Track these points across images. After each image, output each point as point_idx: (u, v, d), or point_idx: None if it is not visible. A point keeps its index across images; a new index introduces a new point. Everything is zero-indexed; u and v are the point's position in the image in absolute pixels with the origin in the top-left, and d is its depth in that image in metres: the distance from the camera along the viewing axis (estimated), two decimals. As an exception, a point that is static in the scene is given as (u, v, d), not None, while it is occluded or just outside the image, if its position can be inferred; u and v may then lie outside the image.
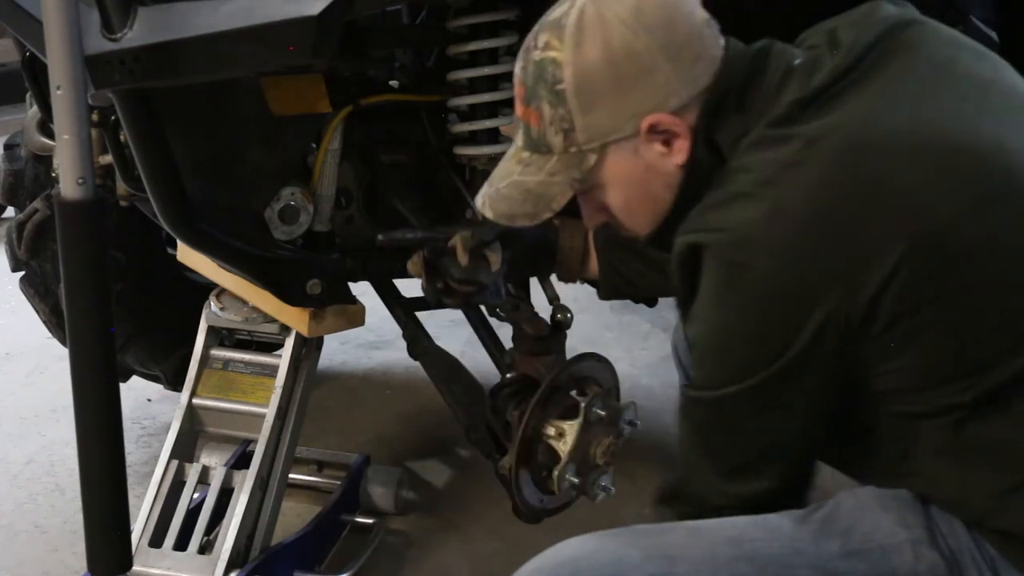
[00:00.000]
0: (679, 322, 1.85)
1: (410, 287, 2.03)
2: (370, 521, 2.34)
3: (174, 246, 2.26)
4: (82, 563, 1.71)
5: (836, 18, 1.36)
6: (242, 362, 2.15)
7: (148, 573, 1.93)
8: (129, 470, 1.71)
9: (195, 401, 2.13)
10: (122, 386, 1.73)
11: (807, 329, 1.19)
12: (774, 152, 1.22)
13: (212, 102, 1.78)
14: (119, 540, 1.67)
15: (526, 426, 1.75)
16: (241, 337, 2.22)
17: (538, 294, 2.07)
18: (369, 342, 3.37)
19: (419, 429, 2.84)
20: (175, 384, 2.67)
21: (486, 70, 1.92)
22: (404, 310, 2.08)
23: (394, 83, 2.12)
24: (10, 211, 2.83)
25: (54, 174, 2.18)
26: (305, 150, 1.92)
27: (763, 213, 1.19)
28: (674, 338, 2.02)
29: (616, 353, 2.73)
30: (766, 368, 1.22)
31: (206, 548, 1.98)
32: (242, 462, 2.13)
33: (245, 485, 1.99)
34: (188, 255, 2.16)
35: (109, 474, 1.64)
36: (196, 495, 2.05)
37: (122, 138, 1.82)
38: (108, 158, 1.95)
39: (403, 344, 2.10)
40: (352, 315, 2.05)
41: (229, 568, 1.93)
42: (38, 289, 2.64)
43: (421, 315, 2.09)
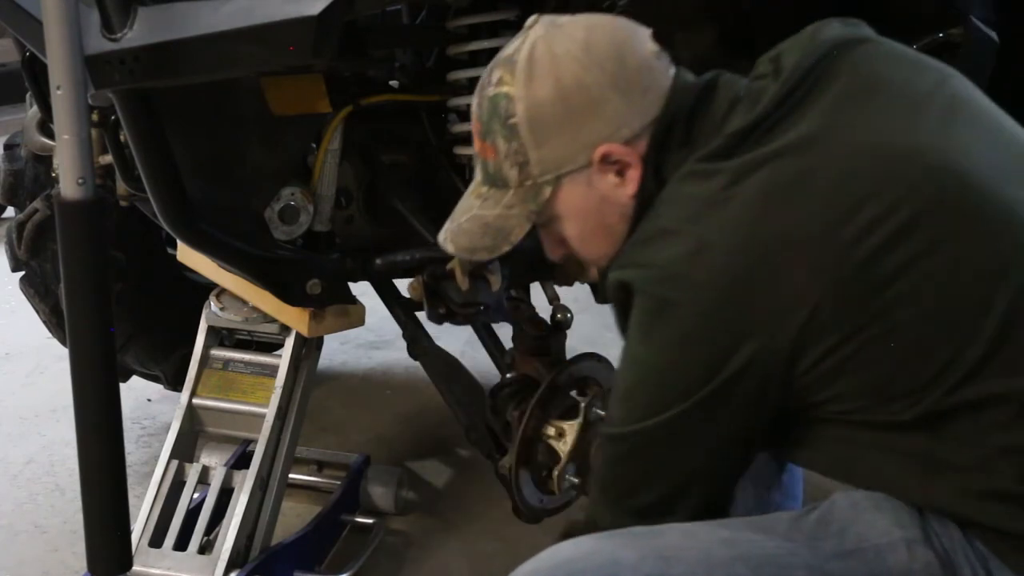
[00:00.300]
0: None
1: (410, 287, 2.03)
2: (370, 521, 2.34)
3: (174, 246, 2.26)
4: (82, 563, 1.71)
5: (784, 41, 1.37)
6: (242, 362, 2.15)
7: (148, 573, 1.93)
8: (129, 470, 1.72)
9: (195, 401, 2.13)
10: (122, 386, 1.73)
11: (729, 367, 1.21)
12: (699, 187, 1.25)
13: (212, 102, 1.78)
14: (119, 540, 1.67)
15: (526, 426, 1.75)
16: (241, 337, 2.22)
17: (538, 294, 2.07)
18: (369, 342, 3.37)
19: (419, 429, 2.84)
20: (175, 384, 2.67)
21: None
22: (404, 310, 2.08)
23: (394, 83, 2.12)
24: (10, 211, 2.83)
25: (54, 174, 2.18)
26: (305, 150, 1.92)
27: (686, 251, 1.22)
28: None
29: (616, 353, 2.72)
30: (683, 402, 1.24)
31: (206, 548, 1.98)
32: (242, 462, 2.13)
33: (245, 485, 1.99)
34: (188, 255, 2.16)
35: (109, 474, 1.64)
36: (196, 495, 2.05)
37: (122, 138, 1.83)
38: (108, 158, 1.95)
39: (403, 344, 2.10)
40: (352, 315, 2.05)
41: (229, 568, 1.93)
42: (38, 289, 2.64)
43: (421, 315, 2.09)
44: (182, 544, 1.97)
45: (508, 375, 1.90)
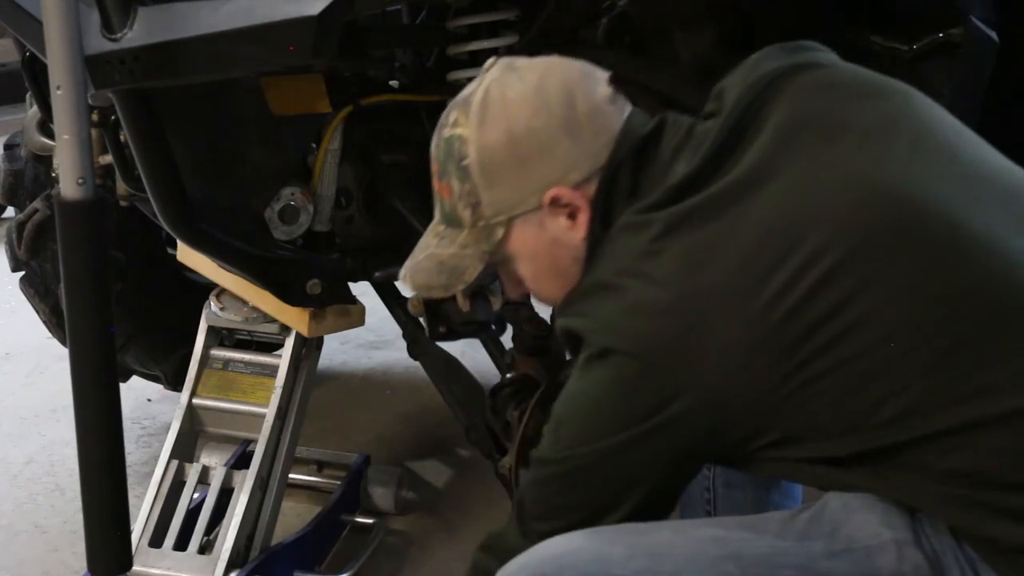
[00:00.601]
0: None
1: (410, 287, 2.03)
2: (370, 521, 2.34)
3: (174, 246, 2.26)
4: (82, 563, 1.71)
5: (729, 74, 1.39)
6: (242, 362, 2.15)
7: (148, 573, 1.93)
8: (129, 470, 1.72)
9: (195, 401, 2.13)
10: (122, 386, 1.73)
11: (660, 416, 1.23)
12: (633, 240, 1.26)
13: (212, 102, 1.78)
14: (119, 540, 1.67)
15: (526, 426, 1.75)
16: (241, 337, 2.22)
17: (538, 294, 2.07)
18: (369, 342, 3.37)
19: (419, 429, 2.84)
20: (175, 384, 2.67)
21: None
22: (404, 310, 2.08)
23: (394, 83, 2.12)
24: (10, 211, 2.83)
25: (54, 174, 2.18)
26: (305, 150, 1.92)
27: (621, 307, 1.24)
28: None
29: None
30: (612, 437, 1.26)
31: (206, 548, 1.98)
32: (242, 462, 2.12)
33: (245, 485, 1.99)
34: (188, 255, 2.15)
35: (109, 474, 1.64)
36: (196, 495, 2.05)
37: (122, 138, 1.82)
38: (108, 158, 1.95)
39: (403, 344, 2.10)
40: (352, 315, 2.05)
41: (229, 568, 1.93)
42: (38, 289, 2.64)
43: (421, 315, 2.10)
44: (182, 544, 1.97)
45: (508, 375, 1.90)
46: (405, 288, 1.50)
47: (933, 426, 1.17)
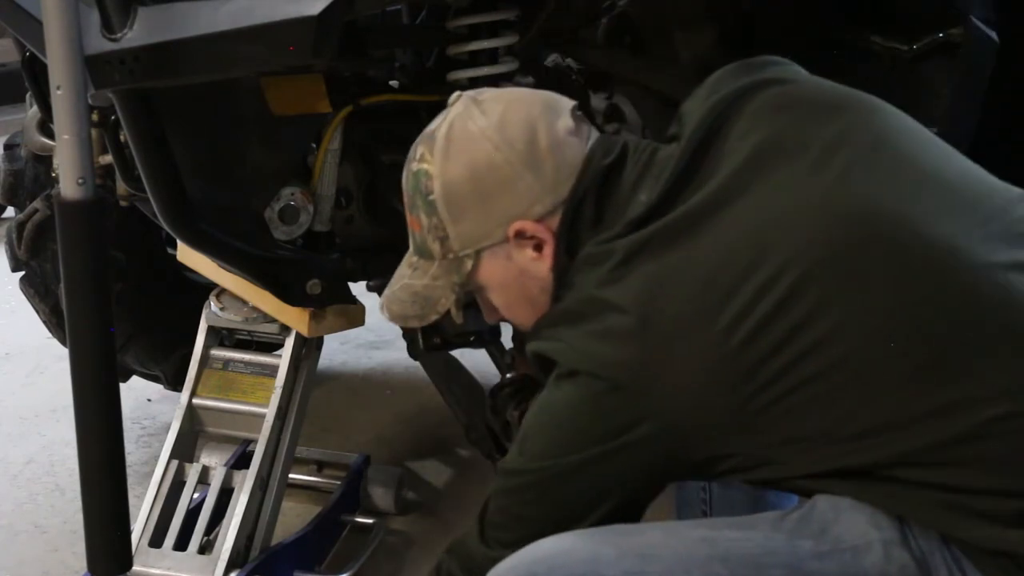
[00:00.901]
0: None
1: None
2: (370, 521, 2.34)
3: (174, 246, 2.26)
4: (82, 563, 1.71)
5: (689, 97, 1.40)
6: (242, 362, 2.15)
7: (148, 573, 1.93)
8: (129, 470, 1.72)
9: (195, 401, 2.13)
10: (122, 386, 1.73)
11: (624, 439, 1.24)
12: (595, 270, 1.28)
13: (212, 102, 1.78)
14: (119, 540, 1.67)
15: (526, 426, 1.75)
16: (241, 337, 2.22)
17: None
18: (369, 342, 3.36)
19: (419, 429, 2.84)
20: (175, 384, 2.67)
21: (486, 70, 1.91)
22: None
23: (394, 83, 2.12)
24: (10, 211, 2.82)
25: (54, 174, 2.18)
26: (305, 150, 1.92)
27: (587, 333, 1.26)
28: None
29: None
30: (576, 453, 1.27)
31: (206, 548, 1.98)
32: (242, 462, 2.12)
33: (245, 485, 1.99)
34: (188, 255, 2.15)
35: (109, 474, 1.64)
36: (196, 495, 2.05)
37: (122, 138, 1.82)
38: (108, 158, 1.95)
39: (403, 344, 2.10)
40: (352, 315, 2.05)
41: (229, 568, 1.93)
42: (38, 289, 2.64)
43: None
44: (182, 544, 1.97)
45: (508, 375, 1.90)
46: (384, 314, 1.53)
47: (909, 442, 1.18)
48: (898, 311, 1.19)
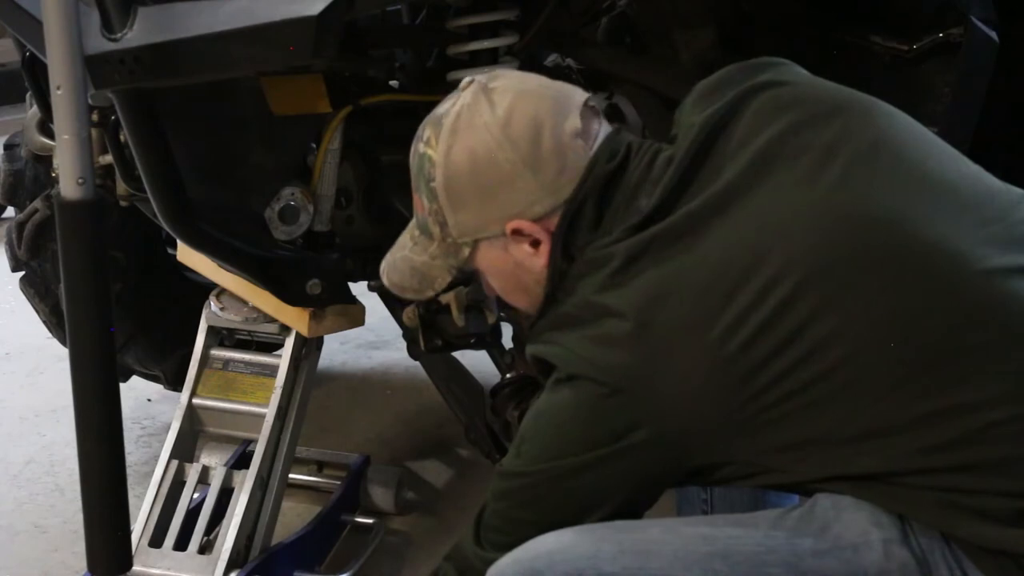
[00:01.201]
0: None
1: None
2: (370, 521, 2.34)
3: (174, 246, 2.26)
4: (82, 563, 1.71)
5: (688, 95, 1.41)
6: (242, 362, 2.15)
7: (148, 573, 1.93)
8: (129, 470, 1.71)
9: (195, 401, 2.12)
10: (122, 386, 1.73)
11: (621, 443, 1.25)
12: (595, 275, 1.29)
13: (212, 102, 1.78)
14: (119, 540, 1.67)
15: (526, 426, 1.75)
16: (241, 337, 2.21)
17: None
18: (369, 342, 3.36)
19: (419, 429, 2.84)
20: (175, 384, 2.66)
21: (486, 70, 1.91)
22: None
23: (394, 83, 2.12)
24: (10, 211, 2.82)
25: (54, 174, 2.18)
26: (305, 150, 1.92)
27: (588, 335, 1.27)
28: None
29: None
30: (573, 457, 1.28)
31: (206, 548, 1.98)
32: (242, 462, 2.12)
33: (245, 485, 1.99)
34: (188, 255, 2.15)
35: (109, 474, 1.64)
36: (196, 495, 2.05)
37: (122, 138, 1.82)
38: (108, 158, 1.95)
39: (403, 344, 2.10)
40: (352, 315, 2.05)
41: (229, 568, 1.93)
42: (38, 289, 2.64)
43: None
44: (182, 544, 1.97)
45: (508, 375, 1.90)
46: (384, 279, 1.53)
47: (908, 445, 1.18)
48: (896, 315, 1.19)
